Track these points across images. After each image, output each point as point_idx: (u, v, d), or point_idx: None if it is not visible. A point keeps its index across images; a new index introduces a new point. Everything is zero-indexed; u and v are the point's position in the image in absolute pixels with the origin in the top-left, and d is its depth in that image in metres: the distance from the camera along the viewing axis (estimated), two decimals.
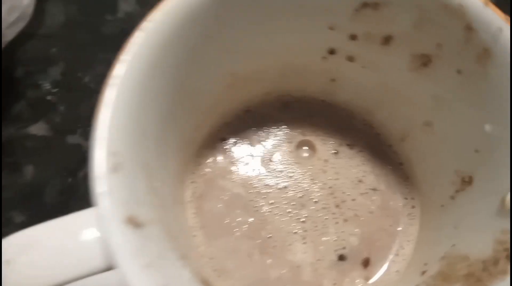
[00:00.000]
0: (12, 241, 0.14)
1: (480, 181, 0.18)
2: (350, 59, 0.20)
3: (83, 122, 0.26)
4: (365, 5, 0.18)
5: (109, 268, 0.13)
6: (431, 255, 0.19)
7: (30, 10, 0.28)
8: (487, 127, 0.17)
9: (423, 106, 0.20)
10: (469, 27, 0.17)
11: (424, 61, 0.19)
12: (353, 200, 0.22)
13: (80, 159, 0.26)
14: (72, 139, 0.26)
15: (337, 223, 0.22)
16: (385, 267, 0.21)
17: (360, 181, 0.22)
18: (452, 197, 0.19)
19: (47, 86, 0.27)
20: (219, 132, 0.22)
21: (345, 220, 0.22)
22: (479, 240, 0.17)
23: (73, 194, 0.25)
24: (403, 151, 0.22)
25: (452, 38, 0.17)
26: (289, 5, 0.17)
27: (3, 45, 0.27)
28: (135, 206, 0.13)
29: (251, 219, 0.21)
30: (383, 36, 0.19)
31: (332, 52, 0.20)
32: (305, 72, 0.21)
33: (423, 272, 0.19)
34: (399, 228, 0.22)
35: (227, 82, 0.20)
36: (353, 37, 0.19)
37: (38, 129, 0.27)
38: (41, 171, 0.25)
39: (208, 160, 0.22)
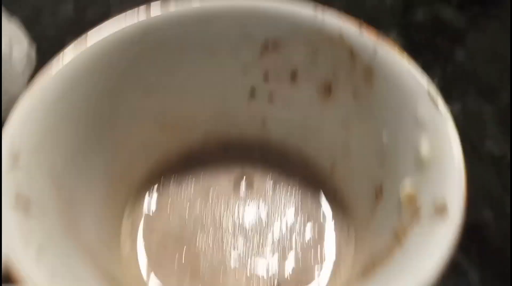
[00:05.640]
0: None
1: (387, 188, 0.19)
2: (270, 99, 0.23)
3: None
4: (266, 47, 0.21)
5: None
6: (354, 273, 0.20)
7: None
8: (384, 138, 0.19)
9: (337, 133, 0.22)
10: (351, 52, 0.19)
11: (327, 89, 0.21)
12: (290, 232, 0.23)
13: None
14: None
15: (272, 255, 0.22)
16: None
17: (297, 214, 0.23)
18: (372, 212, 0.20)
19: None
20: (158, 171, 0.24)
21: (281, 252, 0.22)
22: (382, 238, 0.18)
23: None
24: (335, 183, 0.24)
25: (342, 64, 0.20)
26: (199, 46, 0.21)
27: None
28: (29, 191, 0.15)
29: (184, 252, 0.22)
30: (289, 72, 0.21)
31: (253, 94, 0.23)
32: (237, 116, 0.24)
33: None
34: (337, 257, 0.22)
35: (156, 122, 0.22)
36: (266, 77, 0.22)
37: None
38: None
39: (146, 198, 0.24)
